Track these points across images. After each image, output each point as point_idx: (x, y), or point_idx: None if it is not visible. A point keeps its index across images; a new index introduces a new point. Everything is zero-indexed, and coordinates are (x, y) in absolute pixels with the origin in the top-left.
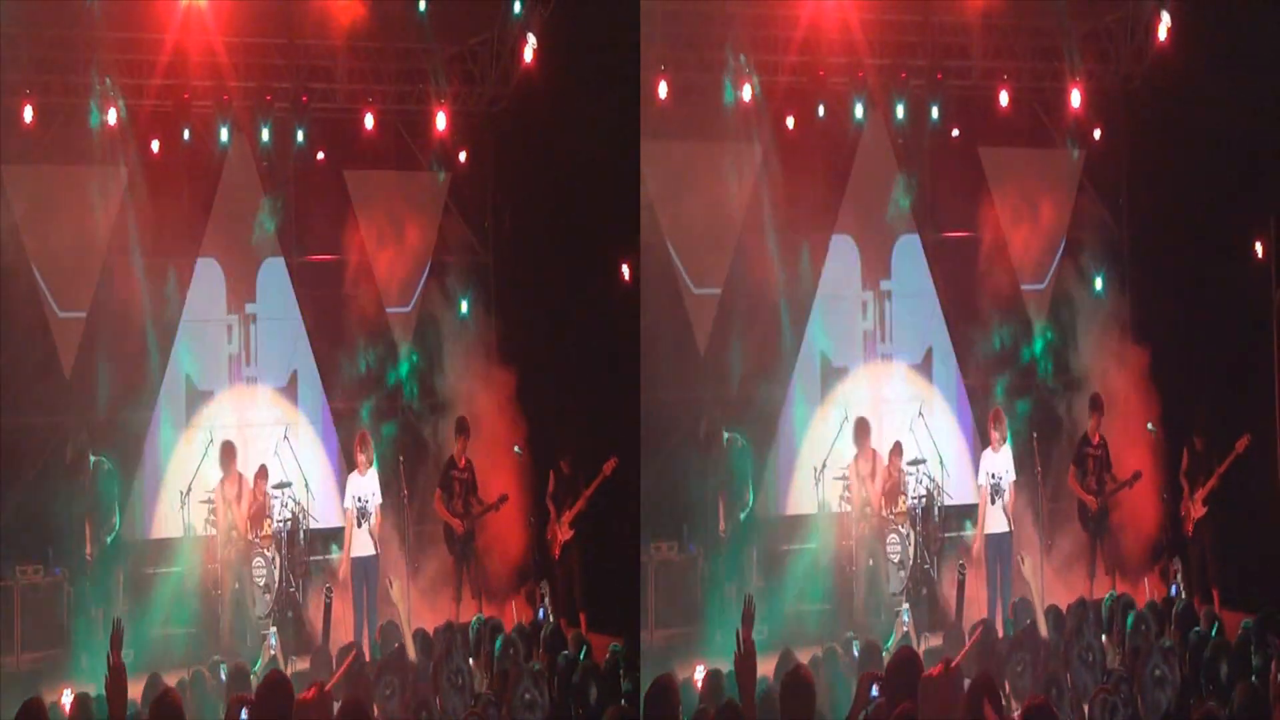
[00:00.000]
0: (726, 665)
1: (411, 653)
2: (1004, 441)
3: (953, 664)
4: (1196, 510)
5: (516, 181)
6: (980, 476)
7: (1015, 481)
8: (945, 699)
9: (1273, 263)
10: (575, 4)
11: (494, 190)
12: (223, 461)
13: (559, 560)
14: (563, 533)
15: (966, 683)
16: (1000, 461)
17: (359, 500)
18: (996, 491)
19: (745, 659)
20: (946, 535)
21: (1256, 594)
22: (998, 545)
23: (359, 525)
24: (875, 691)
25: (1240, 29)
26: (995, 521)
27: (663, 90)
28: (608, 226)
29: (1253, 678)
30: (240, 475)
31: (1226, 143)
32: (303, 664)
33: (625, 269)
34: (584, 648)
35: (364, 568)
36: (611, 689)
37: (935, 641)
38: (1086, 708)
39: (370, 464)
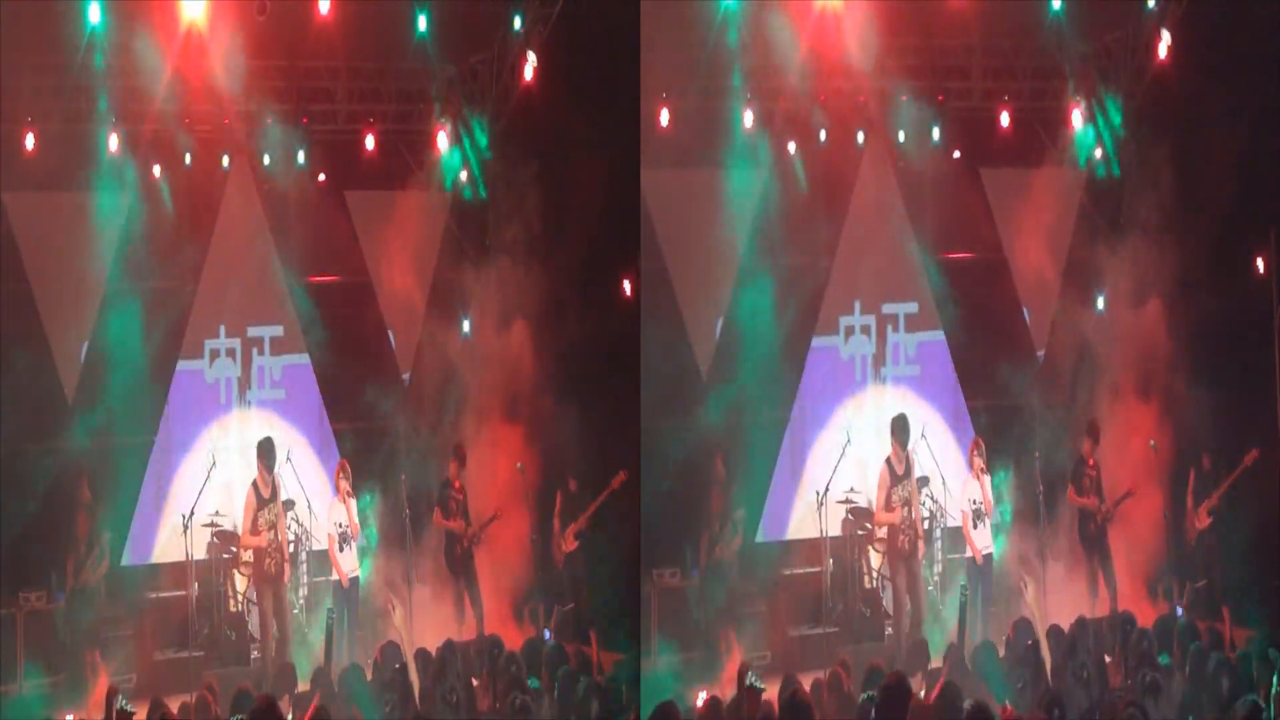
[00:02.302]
0: (728, 691)
1: (414, 672)
2: (984, 469)
3: (930, 697)
4: (1201, 521)
5: (518, 200)
6: (962, 502)
7: (1015, 505)
8: None
9: (1274, 278)
10: (575, 22)
11: (495, 209)
12: (265, 458)
13: (561, 573)
14: (566, 544)
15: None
16: (980, 488)
17: (339, 526)
18: (978, 516)
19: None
20: (949, 557)
21: (1259, 610)
22: (981, 567)
23: (340, 550)
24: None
25: (1239, 47)
26: (980, 544)
27: (665, 118)
28: (609, 244)
29: (1253, 695)
30: (277, 477)
31: (1226, 160)
32: (302, 685)
33: (626, 284)
34: (586, 665)
35: (347, 590)
36: (614, 706)
37: (936, 663)
38: None
39: (351, 491)
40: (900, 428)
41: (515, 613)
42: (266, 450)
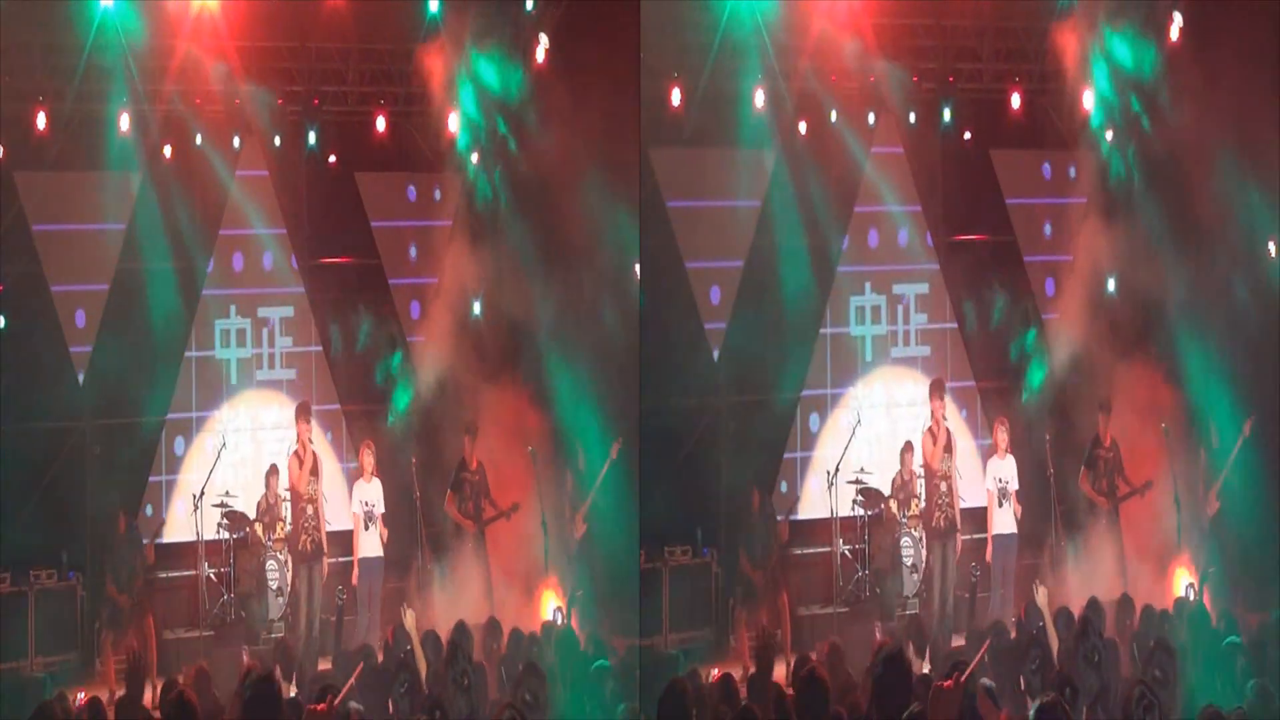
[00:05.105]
0: (740, 669)
1: (420, 655)
2: (1008, 447)
3: (962, 677)
4: (1210, 506)
5: (527, 183)
6: (988, 481)
7: (1018, 490)
8: (954, 711)
9: None
10: (587, 5)
11: (504, 191)
12: (298, 421)
13: (574, 557)
14: (576, 529)
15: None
16: (1005, 467)
17: (365, 505)
18: (1003, 495)
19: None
20: (961, 538)
21: (1271, 592)
22: (1005, 546)
23: (365, 529)
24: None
25: (1252, 29)
26: (1002, 524)
27: (675, 97)
28: (615, 228)
29: (1264, 677)
30: (311, 448)
31: (1239, 141)
32: (324, 664)
33: (636, 267)
34: (598, 648)
35: (370, 570)
36: (627, 689)
37: (958, 642)
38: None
39: (374, 470)
40: (937, 387)
41: (527, 596)
42: (304, 412)
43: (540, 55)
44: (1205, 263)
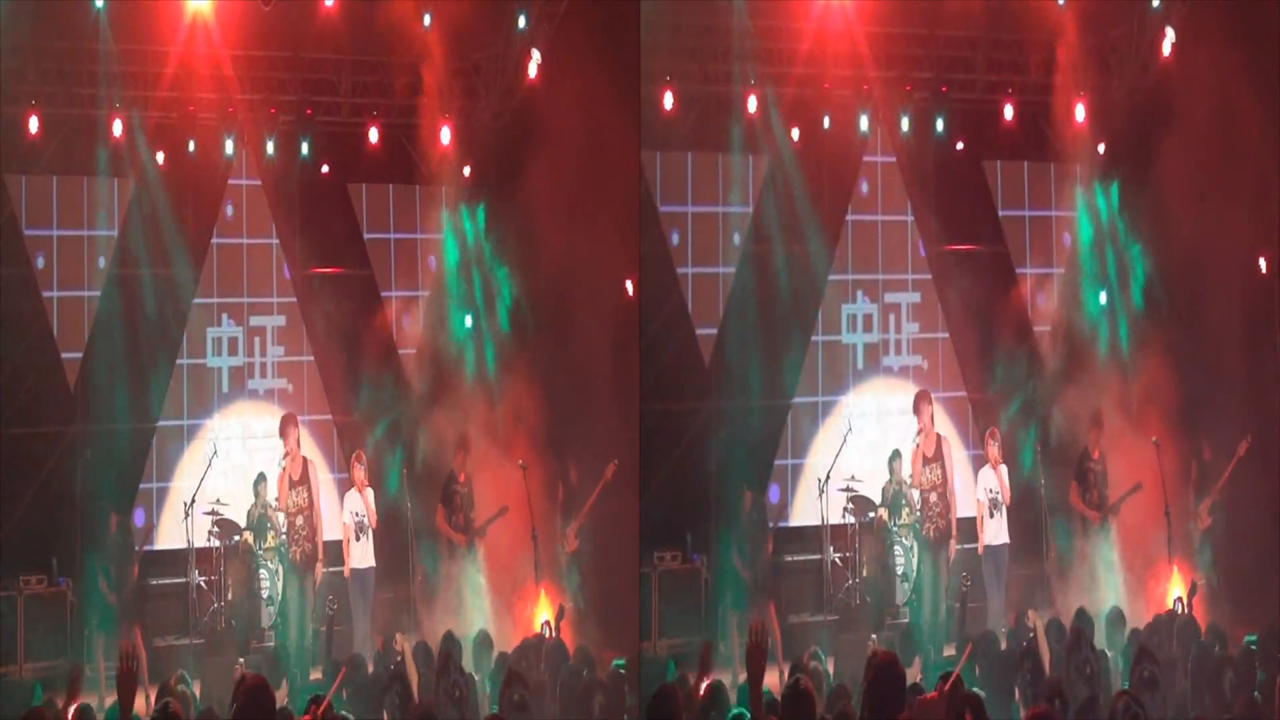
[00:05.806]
0: (729, 675)
1: (412, 666)
2: (1000, 458)
3: (946, 686)
4: (1202, 522)
5: (520, 194)
6: (979, 492)
7: (1013, 498)
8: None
9: (1276, 278)
10: (579, 19)
11: (497, 203)
12: (284, 434)
13: (565, 571)
14: (568, 545)
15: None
16: (997, 478)
17: (356, 515)
18: (994, 506)
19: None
20: (953, 547)
21: (1260, 606)
22: (996, 557)
23: (356, 539)
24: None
25: (1244, 44)
26: (993, 534)
27: (668, 101)
28: (611, 240)
29: (1255, 692)
30: (305, 459)
31: (1231, 157)
32: (315, 674)
33: (629, 284)
34: (587, 660)
35: (362, 580)
36: (616, 701)
37: (949, 652)
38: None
39: (367, 481)
40: (921, 400)
41: (517, 608)
42: (289, 425)
43: (533, 71)
44: (1198, 276)
